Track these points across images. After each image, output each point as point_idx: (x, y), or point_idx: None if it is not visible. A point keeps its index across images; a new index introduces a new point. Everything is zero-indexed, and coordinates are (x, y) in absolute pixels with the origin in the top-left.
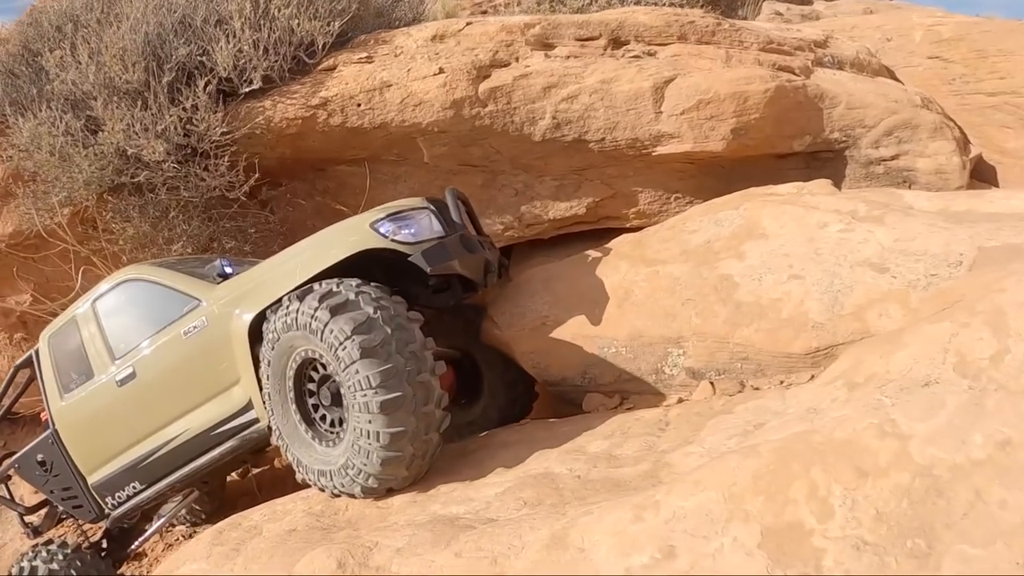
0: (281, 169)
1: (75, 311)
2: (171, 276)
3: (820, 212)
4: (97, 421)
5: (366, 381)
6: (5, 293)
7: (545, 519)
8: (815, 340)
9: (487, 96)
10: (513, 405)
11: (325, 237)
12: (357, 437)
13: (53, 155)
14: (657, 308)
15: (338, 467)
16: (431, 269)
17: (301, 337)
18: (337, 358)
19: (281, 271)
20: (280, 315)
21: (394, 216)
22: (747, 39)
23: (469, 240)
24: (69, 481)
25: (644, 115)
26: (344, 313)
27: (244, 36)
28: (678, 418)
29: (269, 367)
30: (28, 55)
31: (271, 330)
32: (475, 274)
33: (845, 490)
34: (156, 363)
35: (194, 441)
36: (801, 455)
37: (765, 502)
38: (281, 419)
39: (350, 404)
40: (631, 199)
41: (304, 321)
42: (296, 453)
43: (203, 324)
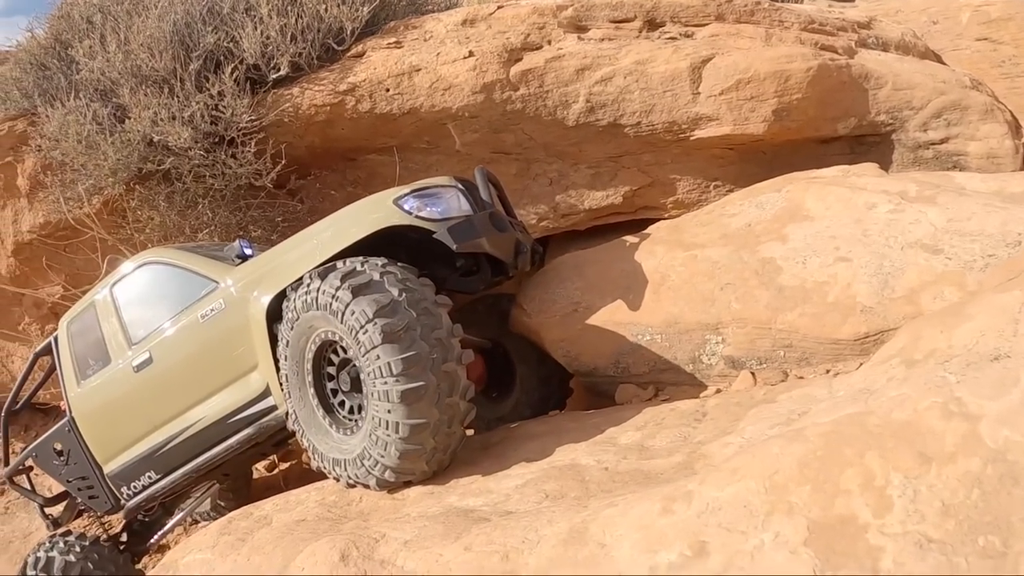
0: (310, 158)
1: (94, 296)
2: (189, 258)
3: (868, 193)
4: (113, 408)
5: (387, 368)
6: (36, 284)
7: (565, 512)
8: (864, 325)
9: (519, 79)
10: (546, 403)
11: (346, 215)
12: (375, 427)
13: (80, 143)
14: (694, 293)
15: (354, 457)
16: (457, 246)
17: (321, 318)
18: (358, 342)
19: (301, 251)
20: (300, 293)
21: (419, 192)
22: (787, 19)
23: (499, 218)
24: (85, 470)
25: (681, 97)
26: (367, 294)
27: (271, 23)
28: (716, 408)
29: (287, 347)
30: (59, 47)
31: (290, 309)
32: (505, 254)
33: (905, 479)
34: (173, 348)
35: (211, 429)
36: (854, 439)
37: (812, 493)
38: (298, 403)
39: (370, 391)
40: (669, 187)
41: (324, 301)
42: (312, 439)
43: (220, 307)
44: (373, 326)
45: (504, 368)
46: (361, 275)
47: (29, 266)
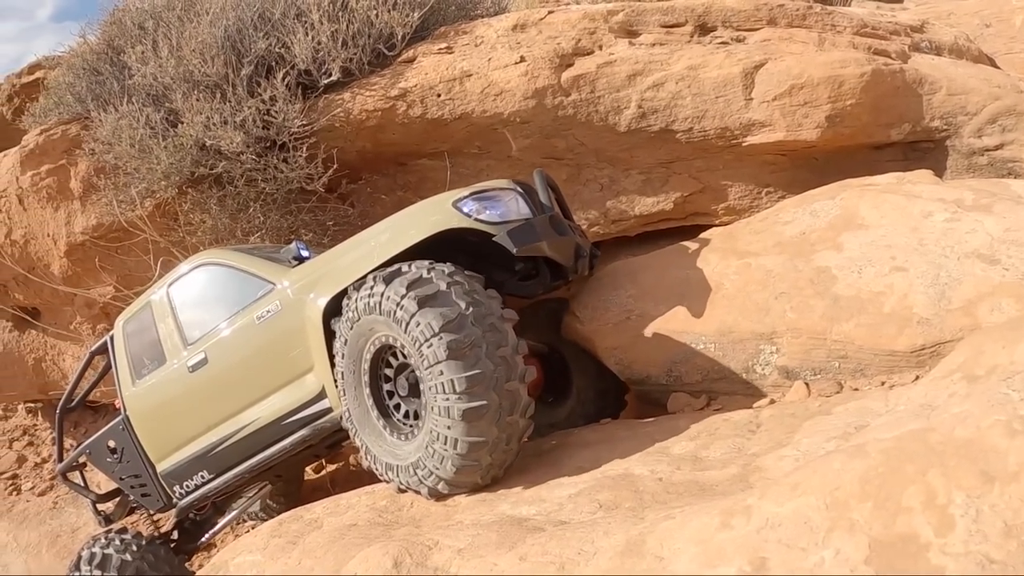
0: (361, 162)
1: (150, 296)
2: (246, 259)
3: (923, 201)
4: (168, 408)
5: (450, 385)
6: (88, 284)
7: (621, 523)
8: (921, 337)
9: (570, 85)
10: (601, 413)
11: (404, 217)
12: (433, 440)
13: (133, 147)
14: (749, 302)
15: (408, 464)
16: (518, 250)
17: (383, 323)
18: (420, 354)
19: (358, 253)
20: (363, 294)
21: (478, 195)
22: (840, 23)
23: (559, 222)
24: (139, 468)
25: (733, 102)
26: (433, 306)
27: (322, 28)
28: (770, 419)
29: (344, 346)
30: (111, 52)
31: (351, 308)
32: (565, 258)
33: (968, 498)
34: (228, 349)
35: (265, 430)
36: (916, 456)
37: (874, 510)
38: (353, 402)
39: (430, 405)
40: (720, 194)
41: (388, 308)
42: (365, 440)
43: (276, 309)
44: (438, 340)
45: (560, 373)
46: (428, 284)
47: (81, 267)
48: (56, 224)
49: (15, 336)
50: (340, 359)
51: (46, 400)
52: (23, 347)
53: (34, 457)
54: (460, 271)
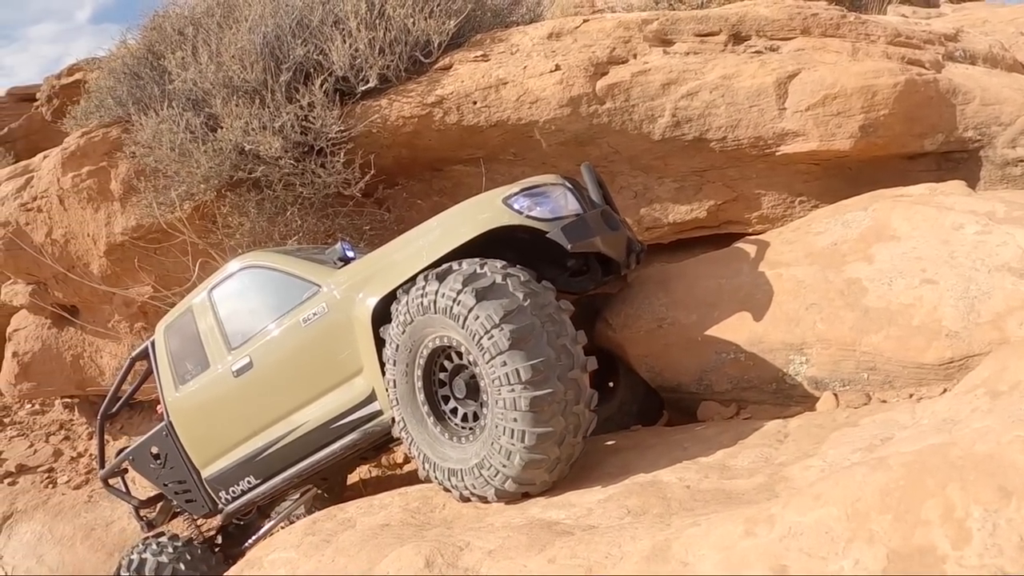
0: (397, 168)
1: (192, 300)
2: (289, 262)
3: (955, 213)
4: (212, 413)
5: (515, 375)
6: (127, 284)
7: (648, 529)
8: (949, 350)
9: (605, 93)
10: (647, 410)
11: (454, 215)
12: (498, 435)
13: (173, 151)
14: (779, 312)
15: (472, 465)
16: (572, 246)
17: (438, 322)
18: (481, 347)
19: (406, 252)
20: (414, 295)
21: (528, 191)
22: (874, 32)
23: (610, 217)
24: (183, 474)
25: (767, 112)
26: (491, 299)
27: (360, 36)
28: (798, 430)
29: (396, 352)
30: (151, 57)
31: (402, 311)
32: (618, 253)
33: (985, 512)
34: (274, 352)
35: (313, 434)
36: (936, 470)
37: (893, 522)
38: (407, 410)
39: (493, 400)
40: (753, 202)
41: (444, 304)
42: (421, 448)
43: (323, 311)
44: (499, 331)
45: (607, 369)
46: (483, 278)
47: (120, 266)
48: (96, 224)
49: (54, 333)
50: (391, 366)
51: (83, 396)
52: (61, 344)
53: (70, 451)
54: (512, 265)
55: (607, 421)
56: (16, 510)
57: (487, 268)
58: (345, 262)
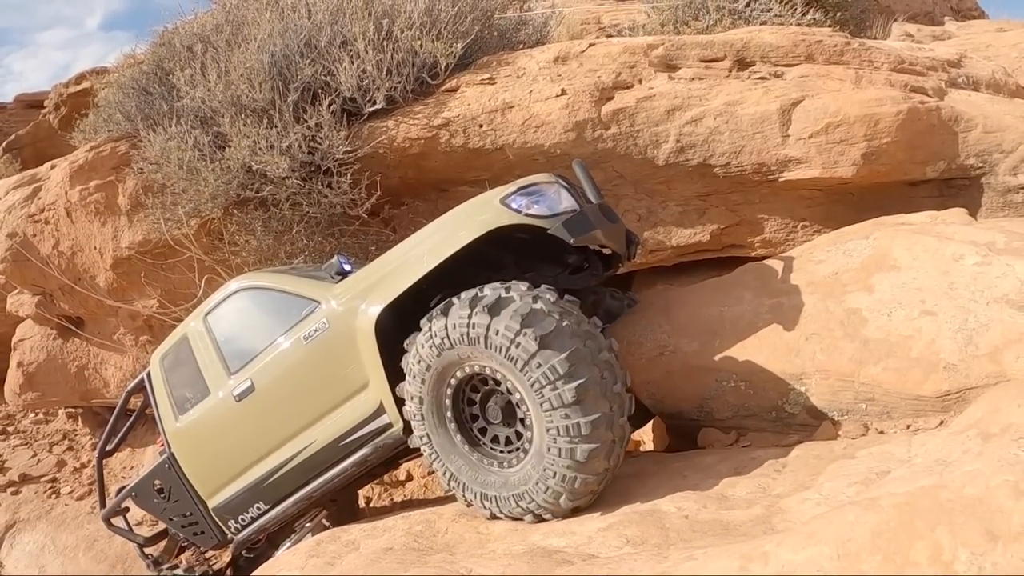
0: (403, 188)
1: (186, 328)
2: (285, 280)
3: (955, 243)
4: (216, 440)
5: (569, 396)
6: (132, 298)
7: (646, 561)
8: (946, 382)
9: (610, 118)
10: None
11: (452, 218)
12: (549, 457)
13: (181, 168)
14: (780, 342)
15: (518, 491)
16: (574, 240)
17: (486, 355)
18: (541, 396)
19: (406, 259)
20: (458, 323)
21: (524, 189)
22: (877, 59)
23: (608, 209)
24: (189, 507)
25: (771, 139)
26: (555, 348)
27: (368, 57)
28: (796, 460)
29: (425, 370)
30: (161, 73)
31: (439, 334)
32: (618, 245)
33: (972, 555)
34: (276, 373)
35: (322, 453)
36: (926, 512)
37: (883, 562)
38: (432, 427)
39: (543, 424)
40: (756, 227)
41: (499, 343)
42: (450, 467)
43: (324, 326)
44: (565, 384)
45: None
46: (543, 319)
47: (127, 280)
48: (103, 238)
49: (59, 344)
50: (416, 381)
51: (87, 407)
52: (66, 355)
53: (73, 462)
54: (538, 287)
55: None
56: (19, 519)
57: (513, 292)
58: (343, 275)
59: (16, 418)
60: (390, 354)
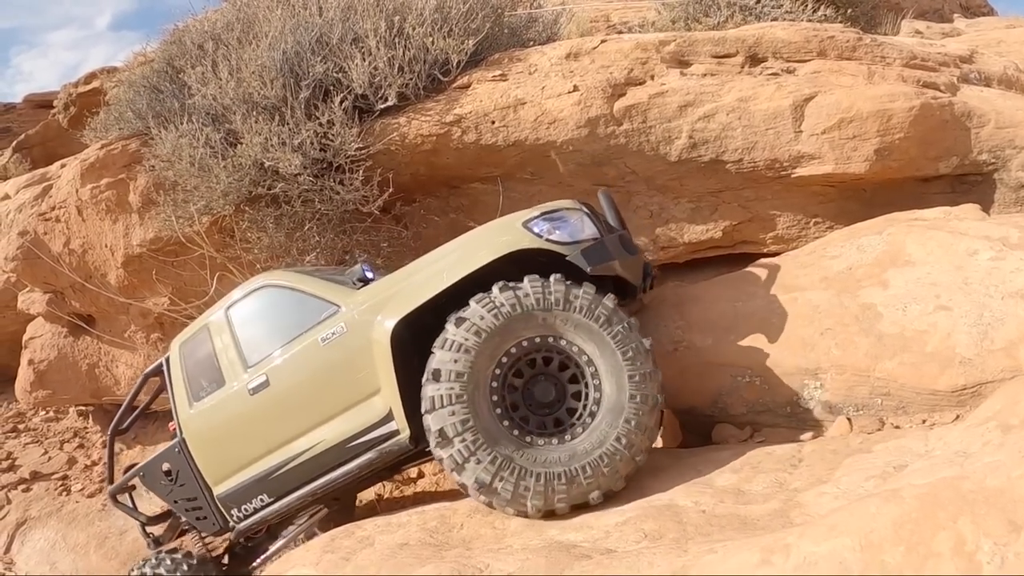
0: (415, 185)
1: (208, 318)
2: (308, 282)
3: (969, 238)
4: (227, 430)
5: (647, 344)
6: (144, 295)
7: (665, 555)
8: (962, 377)
9: (622, 114)
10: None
11: (474, 238)
12: (627, 406)
13: (193, 166)
14: (794, 337)
15: (591, 456)
16: (591, 269)
17: (556, 317)
18: (624, 347)
19: (426, 274)
20: (526, 291)
21: (548, 215)
22: (889, 54)
23: (628, 241)
24: (194, 492)
25: (783, 134)
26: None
27: (379, 54)
28: (812, 455)
29: (482, 341)
30: (171, 71)
31: (499, 301)
32: (635, 276)
33: (995, 545)
34: (291, 371)
35: (329, 453)
36: (948, 503)
37: (905, 553)
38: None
39: (623, 377)
40: (768, 223)
41: (559, 298)
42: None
43: (342, 330)
44: (640, 334)
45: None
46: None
47: (137, 278)
48: (114, 236)
49: (70, 342)
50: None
51: (98, 404)
52: (77, 353)
53: (84, 459)
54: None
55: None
56: (30, 517)
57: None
58: (364, 282)
59: (27, 416)
60: (402, 363)
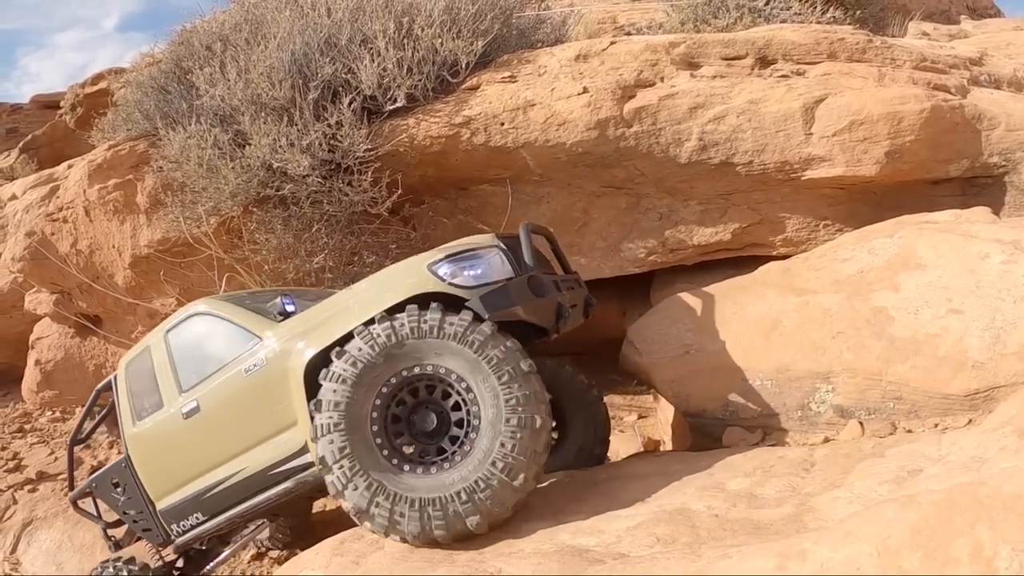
0: (423, 186)
1: (150, 340)
2: (236, 312)
3: (980, 242)
4: (165, 450)
5: (525, 399)
6: (151, 296)
7: (679, 560)
8: (975, 381)
9: (632, 116)
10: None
11: (383, 278)
12: (503, 428)
13: (201, 166)
14: (806, 340)
15: (468, 482)
16: (489, 316)
17: (437, 347)
18: (499, 371)
19: (342, 310)
20: (407, 320)
21: (455, 257)
22: (900, 56)
23: (539, 283)
24: (140, 505)
25: (794, 137)
26: (499, 333)
27: (388, 55)
28: (824, 459)
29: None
30: (179, 72)
31: (382, 334)
32: (544, 320)
33: (1013, 551)
34: (218, 399)
35: (252, 479)
36: (966, 509)
37: (923, 559)
38: (356, 438)
39: (500, 400)
40: (778, 225)
41: (434, 326)
42: (377, 478)
43: (262, 363)
44: (518, 356)
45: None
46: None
47: (145, 278)
48: (121, 236)
49: (77, 342)
50: (345, 387)
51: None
52: (84, 353)
53: (90, 460)
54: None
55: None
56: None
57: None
58: (285, 316)
59: (33, 416)
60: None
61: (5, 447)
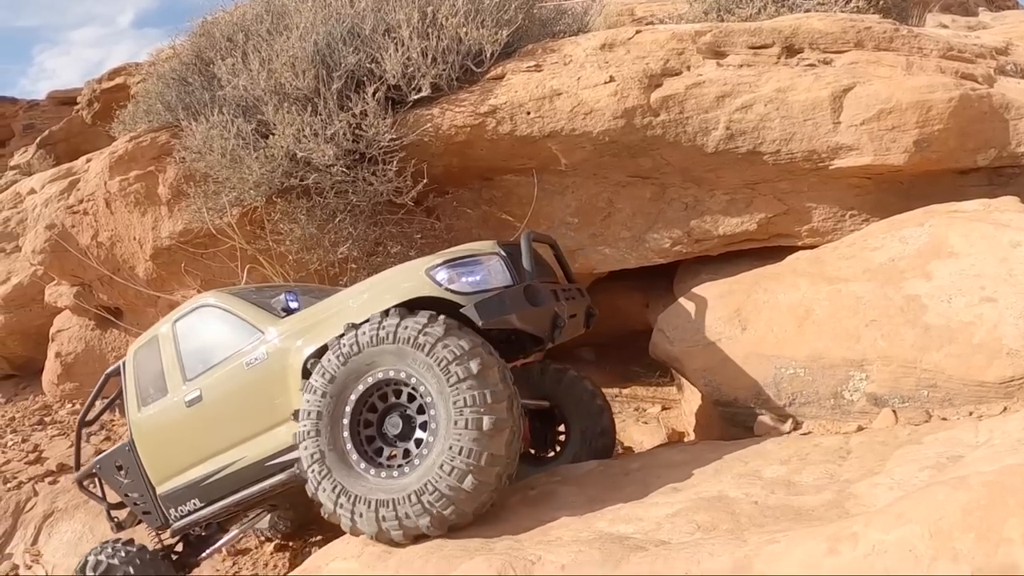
0: (447, 177)
1: (159, 329)
2: (241, 305)
3: (1012, 230)
4: (167, 437)
5: (480, 397)
6: (173, 287)
7: (724, 545)
8: (1010, 369)
9: (659, 105)
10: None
11: (382, 280)
12: (451, 456)
13: (224, 157)
14: (839, 329)
15: (409, 493)
16: (483, 323)
17: (393, 353)
18: (447, 372)
19: (341, 310)
20: (367, 329)
21: (454, 263)
22: (927, 46)
23: (535, 292)
24: (141, 488)
25: (822, 126)
26: (457, 332)
27: (412, 44)
28: (860, 446)
29: (330, 383)
30: (200, 64)
31: (347, 343)
32: (539, 329)
33: None
34: (220, 390)
35: (249, 469)
36: (1017, 489)
37: (976, 540)
38: (327, 443)
39: (453, 419)
40: (804, 216)
41: (407, 336)
42: (341, 481)
43: (263, 357)
44: (467, 357)
45: (556, 426)
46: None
47: (166, 270)
48: (143, 228)
49: (97, 334)
50: (316, 397)
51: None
52: (104, 345)
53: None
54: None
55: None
56: (56, 509)
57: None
58: (288, 312)
59: (53, 408)
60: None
61: (26, 439)
